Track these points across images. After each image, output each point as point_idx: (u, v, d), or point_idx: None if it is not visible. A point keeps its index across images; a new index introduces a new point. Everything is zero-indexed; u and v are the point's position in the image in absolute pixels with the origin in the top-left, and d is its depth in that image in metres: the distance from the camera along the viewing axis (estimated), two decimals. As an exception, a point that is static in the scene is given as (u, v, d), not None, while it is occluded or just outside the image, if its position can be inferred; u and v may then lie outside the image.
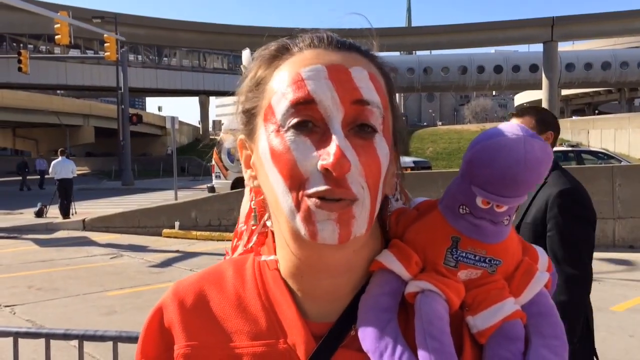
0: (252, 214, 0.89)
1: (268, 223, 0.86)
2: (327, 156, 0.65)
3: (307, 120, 0.68)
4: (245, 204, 0.91)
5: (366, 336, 0.70)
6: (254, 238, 0.89)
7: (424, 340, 0.67)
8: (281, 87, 0.70)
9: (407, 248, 0.74)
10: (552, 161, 0.69)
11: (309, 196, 0.67)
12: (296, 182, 0.67)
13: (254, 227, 0.89)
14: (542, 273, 0.75)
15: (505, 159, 0.66)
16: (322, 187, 0.66)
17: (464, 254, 0.72)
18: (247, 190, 0.91)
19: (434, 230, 0.74)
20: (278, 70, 0.73)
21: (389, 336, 0.69)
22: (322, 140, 0.67)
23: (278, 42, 0.76)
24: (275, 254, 0.80)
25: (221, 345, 0.77)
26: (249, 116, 0.76)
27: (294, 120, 0.68)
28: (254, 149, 0.76)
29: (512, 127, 0.69)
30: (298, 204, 0.68)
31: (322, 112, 0.67)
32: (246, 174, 0.80)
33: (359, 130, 0.69)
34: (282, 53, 0.74)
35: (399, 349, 0.68)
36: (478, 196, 0.70)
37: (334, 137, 0.66)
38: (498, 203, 0.69)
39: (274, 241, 0.82)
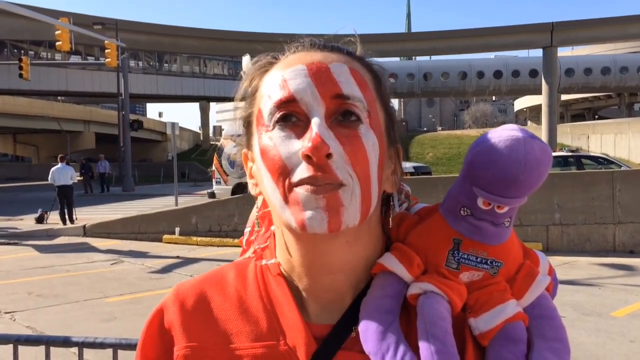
0: (256, 220, 0.91)
1: (272, 228, 0.86)
2: (307, 143, 0.67)
3: (290, 113, 0.71)
4: (253, 214, 0.93)
5: (368, 338, 0.70)
6: (261, 243, 0.89)
7: (427, 341, 0.68)
8: (267, 91, 0.74)
9: (409, 250, 0.75)
10: (551, 162, 0.70)
11: (295, 185, 0.68)
12: (283, 174, 0.69)
13: (256, 232, 0.90)
14: (544, 276, 0.76)
15: (506, 160, 0.67)
16: (305, 174, 0.67)
17: (465, 256, 0.73)
18: (259, 200, 0.92)
19: (435, 232, 0.75)
20: (266, 76, 0.77)
21: (391, 338, 0.69)
22: (305, 132, 0.69)
23: (269, 54, 0.80)
24: (276, 257, 0.81)
25: (221, 346, 0.77)
26: (246, 125, 0.80)
27: (278, 115, 0.71)
28: (254, 156, 0.78)
29: (511, 128, 0.70)
30: (286, 196, 0.69)
31: (304, 108, 0.70)
32: (250, 183, 0.82)
33: (342, 119, 0.70)
34: (272, 62, 0.79)
35: (401, 350, 0.68)
36: (479, 197, 0.70)
37: (313, 124, 0.68)
38: (499, 204, 0.70)
39: (275, 245, 0.83)
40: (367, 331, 0.71)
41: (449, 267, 0.73)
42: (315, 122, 0.68)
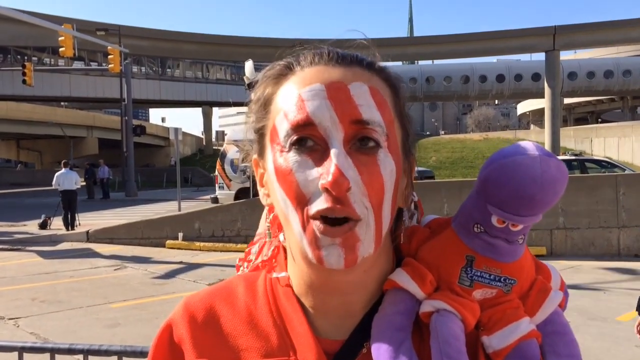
0: (267, 231, 0.90)
1: (281, 238, 0.86)
2: (326, 175, 0.65)
3: (307, 137, 0.68)
4: (262, 224, 0.92)
5: (380, 355, 0.69)
6: (269, 252, 0.89)
7: None
8: (283, 107, 0.71)
9: (421, 267, 0.74)
10: (567, 180, 0.69)
11: (313, 217, 0.67)
12: (301, 202, 0.68)
13: (268, 240, 0.90)
14: (556, 292, 0.75)
15: (522, 179, 0.66)
16: (324, 206, 0.66)
17: (478, 273, 0.71)
18: (265, 210, 0.91)
19: (448, 248, 0.74)
20: (281, 88, 0.74)
21: (403, 356, 0.68)
22: (323, 159, 0.67)
23: (283, 60, 0.77)
24: (287, 271, 0.80)
25: None
26: (259, 135, 0.78)
27: (294, 138, 0.69)
28: (266, 167, 0.77)
29: (527, 145, 0.68)
30: (304, 226, 0.68)
31: (322, 132, 0.68)
32: (261, 192, 0.81)
33: (361, 145, 0.69)
34: (286, 72, 0.75)
35: None
36: (494, 215, 0.69)
37: (332, 155, 0.66)
38: (514, 222, 0.69)
39: (285, 258, 0.82)
40: (380, 349, 0.70)
41: (462, 284, 0.72)
42: (334, 153, 0.66)
